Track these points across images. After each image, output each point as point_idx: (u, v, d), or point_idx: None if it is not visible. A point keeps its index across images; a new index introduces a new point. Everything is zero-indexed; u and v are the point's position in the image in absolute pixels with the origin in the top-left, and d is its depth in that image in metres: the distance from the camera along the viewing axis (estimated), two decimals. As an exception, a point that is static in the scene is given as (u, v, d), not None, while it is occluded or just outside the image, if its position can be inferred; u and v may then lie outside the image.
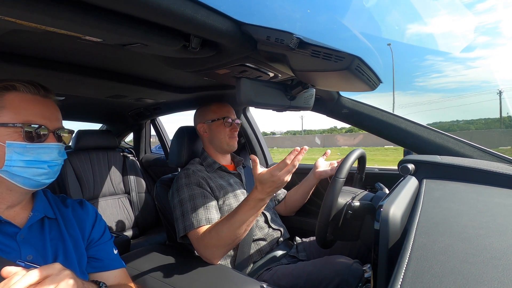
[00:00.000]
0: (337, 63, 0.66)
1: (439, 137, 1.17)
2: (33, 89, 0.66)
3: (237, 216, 0.97)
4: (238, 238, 0.99)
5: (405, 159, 0.95)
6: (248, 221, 0.97)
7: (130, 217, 2.12)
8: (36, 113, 0.65)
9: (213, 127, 1.32)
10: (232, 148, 1.34)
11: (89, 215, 0.80)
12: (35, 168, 0.64)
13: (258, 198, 0.95)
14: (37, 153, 0.64)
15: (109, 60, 1.08)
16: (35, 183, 0.65)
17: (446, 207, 0.59)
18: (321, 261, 1.08)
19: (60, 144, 0.68)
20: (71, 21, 0.54)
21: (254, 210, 0.97)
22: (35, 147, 0.64)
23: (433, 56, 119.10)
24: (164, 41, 0.67)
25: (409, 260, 0.39)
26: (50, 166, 0.66)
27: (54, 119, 0.68)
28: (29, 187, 0.66)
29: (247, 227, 0.98)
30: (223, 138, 1.31)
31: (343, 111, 1.38)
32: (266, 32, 0.67)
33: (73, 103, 1.81)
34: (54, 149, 0.67)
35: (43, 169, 0.65)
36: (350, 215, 0.89)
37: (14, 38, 0.80)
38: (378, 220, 0.54)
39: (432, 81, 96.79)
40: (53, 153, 0.66)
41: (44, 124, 0.65)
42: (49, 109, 0.68)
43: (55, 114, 0.69)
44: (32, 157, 0.64)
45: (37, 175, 0.65)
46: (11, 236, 0.64)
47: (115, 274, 0.79)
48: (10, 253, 0.62)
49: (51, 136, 0.67)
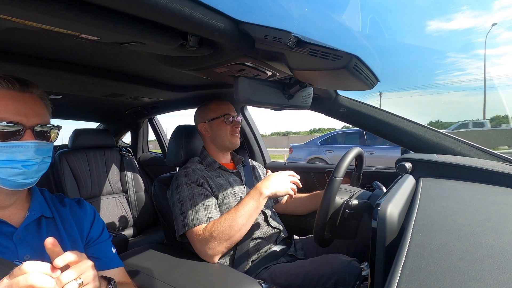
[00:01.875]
0: (335, 61, 0.66)
1: (436, 136, 1.17)
2: (6, 84, 0.62)
3: (238, 207, 1.04)
4: (239, 231, 1.02)
5: (403, 158, 0.96)
6: (249, 212, 1.04)
7: (128, 216, 2.12)
8: (9, 109, 0.61)
9: (214, 125, 1.31)
10: (234, 146, 1.34)
11: (87, 214, 0.80)
12: (9, 168, 0.60)
13: (258, 188, 1.06)
14: (11, 152, 0.60)
15: (106, 58, 1.08)
16: (13, 183, 0.62)
17: (443, 205, 0.60)
18: (319, 259, 1.08)
19: (37, 142, 0.63)
20: (67, 19, 0.53)
21: (254, 201, 1.05)
22: (8, 146, 0.60)
23: (455, 54, 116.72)
24: (162, 40, 0.66)
25: (406, 258, 0.39)
26: (25, 166, 0.62)
27: (32, 115, 0.63)
28: (9, 188, 0.62)
29: (248, 219, 1.04)
30: (225, 136, 1.30)
31: (340, 110, 1.38)
32: (264, 31, 0.67)
33: (70, 101, 1.80)
34: (29, 147, 0.62)
35: (17, 169, 0.61)
36: (347, 214, 0.90)
37: (10, 36, 0.79)
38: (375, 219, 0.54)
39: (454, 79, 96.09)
40: (28, 152, 0.62)
41: (19, 121, 0.61)
42: (26, 104, 0.63)
43: (34, 109, 0.64)
44: (5, 156, 0.60)
45: (12, 175, 0.61)
46: (8, 236, 0.64)
47: (114, 273, 0.78)
48: (7, 253, 0.62)
49: (28, 133, 0.62)
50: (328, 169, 1.71)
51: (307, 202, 1.46)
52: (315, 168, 1.79)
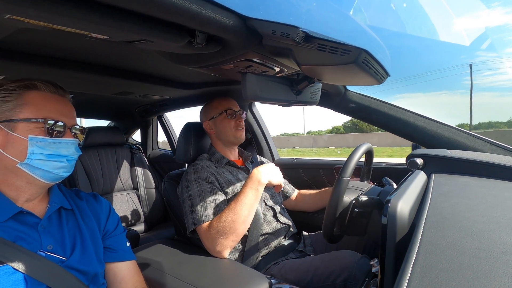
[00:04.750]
0: (344, 56, 0.65)
1: (448, 131, 1.15)
2: (52, 88, 0.70)
3: (238, 198, 1.05)
4: (243, 223, 1.04)
5: (413, 153, 0.94)
6: (249, 202, 1.05)
7: (138, 212, 2.16)
8: (56, 110, 0.69)
9: (218, 122, 1.32)
10: (239, 140, 1.34)
11: (103, 207, 0.83)
12: (55, 161, 0.67)
13: (255, 176, 1.09)
14: (57, 147, 0.68)
15: (115, 57, 1.09)
16: (54, 176, 0.68)
17: (455, 201, 0.58)
18: (328, 255, 1.08)
19: (76, 140, 0.71)
20: (77, 19, 0.54)
21: (253, 191, 1.07)
22: (55, 142, 0.67)
23: (485, 52, 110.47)
24: (169, 37, 0.67)
25: (417, 254, 0.39)
26: (68, 160, 0.70)
27: (71, 117, 0.72)
28: (48, 181, 0.68)
29: (249, 210, 1.05)
30: (229, 131, 1.31)
31: (350, 106, 1.37)
32: (272, 26, 0.66)
33: (81, 100, 1.83)
34: (71, 144, 0.70)
35: (62, 162, 0.68)
36: (356, 212, 0.89)
37: (22, 37, 0.81)
38: (385, 215, 0.54)
39: (484, 80, 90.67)
40: (70, 148, 0.70)
41: (63, 121, 0.69)
42: (66, 107, 0.72)
43: (72, 112, 0.73)
44: (52, 151, 0.67)
45: (56, 168, 0.68)
46: (33, 227, 0.67)
47: (128, 266, 0.82)
48: (32, 243, 0.65)
49: (68, 132, 0.70)
50: (336, 165, 1.70)
51: (316, 198, 1.45)
52: (323, 164, 1.78)
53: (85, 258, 0.71)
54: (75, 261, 0.69)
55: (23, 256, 0.62)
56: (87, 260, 0.71)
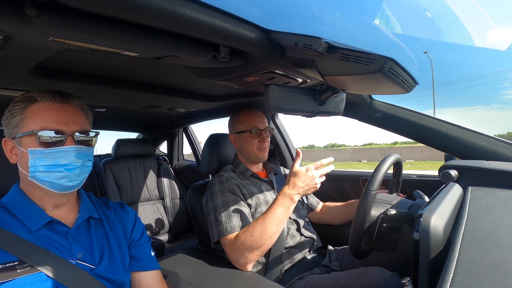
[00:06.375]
0: (368, 65, 0.64)
1: (486, 141, 1.07)
2: (48, 97, 0.68)
3: (268, 214, 1.01)
4: (270, 239, 1.01)
5: (447, 165, 0.89)
6: (278, 219, 1.01)
7: (164, 222, 2.21)
8: (51, 119, 0.66)
9: (242, 138, 1.32)
10: (261, 160, 1.34)
11: (129, 217, 0.85)
12: (54, 172, 0.66)
13: (288, 194, 1.02)
14: (55, 157, 0.66)
15: (144, 73, 1.15)
16: (59, 186, 0.67)
17: (496, 217, 0.54)
18: (356, 272, 1.03)
19: (77, 147, 0.68)
20: (111, 38, 0.58)
21: (283, 208, 1.02)
22: (52, 152, 0.66)
23: None
24: (195, 52, 0.69)
25: (455, 274, 0.36)
26: (67, 169, 0.67)
27: (72, 123, 0.69)
28: (57, 191, 0.68)
29: (278, 227, 1.01)
30: (251, 150, 1.31)
31: (376, 115, 1.33)
32: (294, 38, 0.67)
33: (113, 114, 1.94)
34: (70, 152, 0.67)
35: (60, 172, 0.66)
36: (385, 227, 0.85)
37: (63, 57, 0.88)
38: (417, 230, 0.51)
39: None
40: (69, 156, 0.67)
41: (60, 129, 0.66)
42: (66, 113, 0.69)
43: (74, 118, 0.70)
44: (51, 161, 0.66)
45: (57, 178, 0.66)
46: (63, 235, 0.69)
47: (153, 275, 0.82)
48: (63, 251, 0.67)
49: (69, 140, 0.67)
50: (363, 176, 1.64)
51: (342, 211, 1.41)
52: (349, 176, 1.72)
53: (112, 266, 0.72)
54: (103, 270, 0.70)
55: (56, 264, 0.64)
56: (114, 268, 0.72)
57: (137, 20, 0.54)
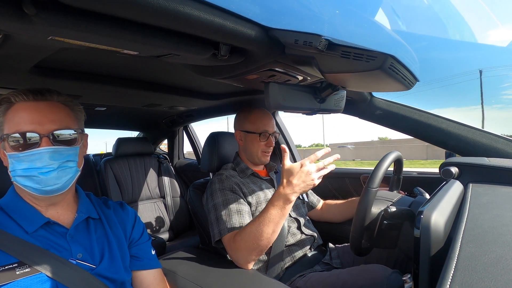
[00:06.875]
0: (369, 62, 0.64)
1: (486, 137, 1.07)
2: (21, 97, 0.63)
3: (263, 215, 0.97)
4: (267, 240, 0.97)
5: (447, 162, 0.89)
6: (274, 220, 0.95)
7: (165, 220, 2.21)
8: (24, 120, 0.61)
9: (248, 139, 1.31)
10: (263, 163, 1.33)
11: (129, 216, 0.85)
12: (29, 176, 0.62)
13: (283, 194, 0.94)
14: (30, 160, 0.61)
15: (144, 71, 1.15)
16: (40, 191, 0.63)
17: (496, 213, 0.54)
18: (357, 269, 1.04)
19: (52, 148, 0.62)
20: (110, 37, 0.58)
21: (278, 210, 0.95)
22: (26, 155, 0.61)
23: None
24: (195, 50, 0.69)
25: (455, 271, 0.36)
26: (42, 173, 0.61)
27: (47, 122, 0.62)
28: (40, 194, 0.64)
29: (274, 228, 0.96)
30: (255, 152, 1.30)
31: (376, 113, 1.33)
32: (294, 36, 0.66)
33: (114, 112, 1.94)
34: (43, 154, 0.61)
35: (35, 176, 0.61)
36: (385, 225, 0.85)
37: (62, 56, 0.88)
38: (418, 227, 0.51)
39: None
40: (43, 158, 0.61)
41: (33, 129, 0.61)
42: (40, 113, 0.63)
43: (49, 116, 0.63)
44: (27, 165, 0.61)
45: (35, 183, 0.62)
46: (62, 236, 0.69)
47: (154, 274, 0.82)
48: (62, 251, 0.67)
49: (45, 140, 0.61)
50: (364, 174, 1.64)
51: (343, 209, 1.41)
52: (350, 173, 1.72)
53: (113, 266, 0.72)
54: (104, 269, 0.70)
55: (57, 264, 0.63)
56: (115, 268, 0.72)
57: (136, 18, 0.54)
